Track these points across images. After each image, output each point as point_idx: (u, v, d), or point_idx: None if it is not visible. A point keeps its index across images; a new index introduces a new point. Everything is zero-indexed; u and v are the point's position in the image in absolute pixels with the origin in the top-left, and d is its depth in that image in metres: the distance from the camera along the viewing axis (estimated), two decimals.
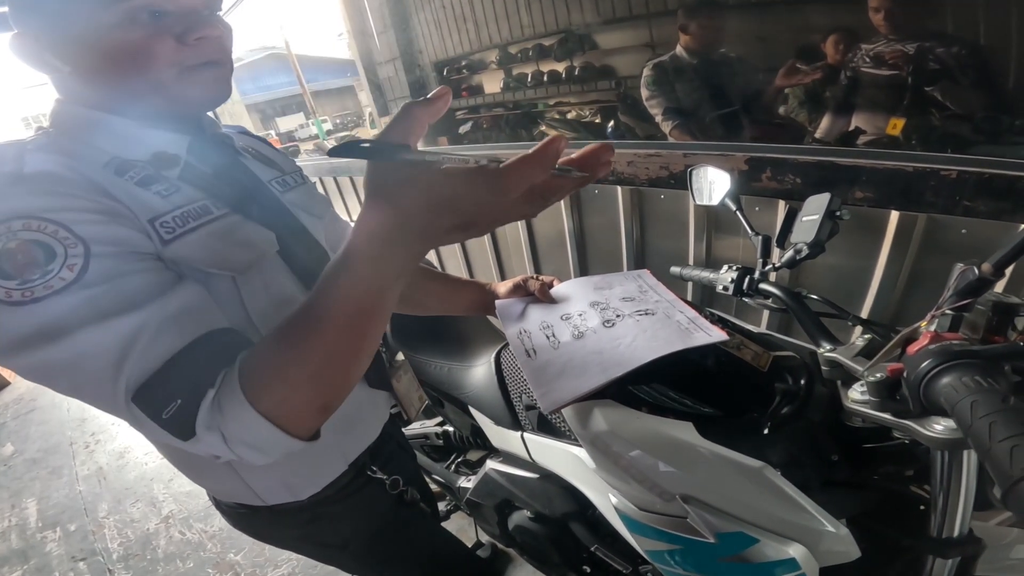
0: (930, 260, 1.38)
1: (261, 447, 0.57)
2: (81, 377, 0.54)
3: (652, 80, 2.28)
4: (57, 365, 0.54)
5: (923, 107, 1.68)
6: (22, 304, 0.51)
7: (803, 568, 0.77)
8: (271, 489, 0.90)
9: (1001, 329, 0.61)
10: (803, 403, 0.88)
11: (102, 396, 0.55)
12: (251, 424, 0.55)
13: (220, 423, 0.56)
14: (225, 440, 0.56)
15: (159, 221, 0.64)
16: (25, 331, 0.52)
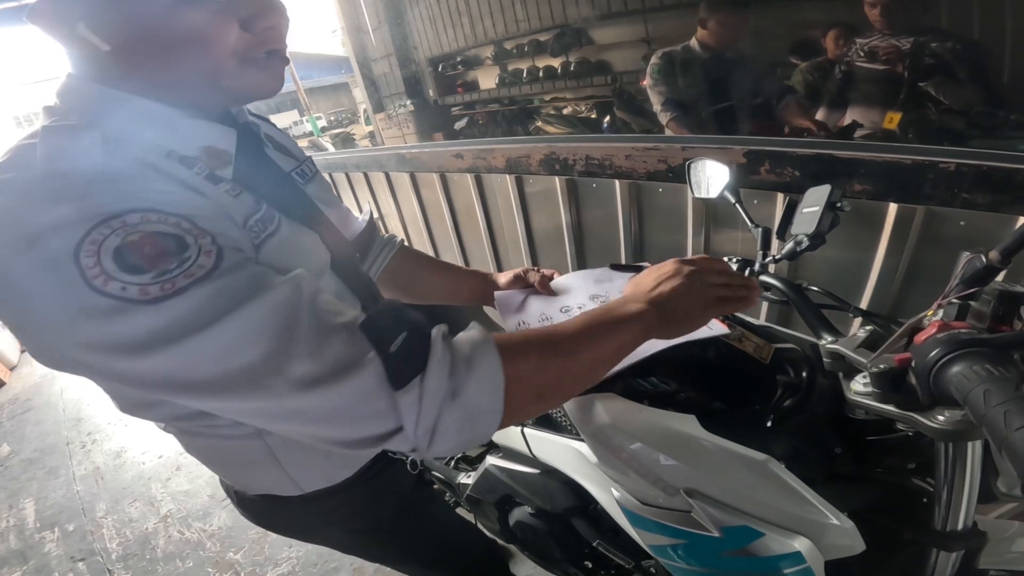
0: (929, 252, 1.38)
1: (477, 411, 0.56)
2: (241, 357, 0.49)
3: (659, 69, 2.25)
4: (207, 353, 0.48)
5: (919, 101, 1.69)
6: (164, 299, 0.47)
7: (808, 562, 0.77)
8: (309, 475, 0.87)
9: (1008, 318, 0.61)
10: (805, 395, 0.88)
11: (269, 369, 0.50)
12: (491, 379, 0.57)
13: (461, 362, 0.56)
14: (443, 395, 0.54)
15: (249, 223, 0.62)
16: (167, 326, 0.47)
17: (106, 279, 0.46)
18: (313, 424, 0.53)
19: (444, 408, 0.54)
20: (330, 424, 0.53)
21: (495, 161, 2.34)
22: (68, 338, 0.48)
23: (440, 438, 0.55)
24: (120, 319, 0.46)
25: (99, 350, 0.48)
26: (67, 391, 4.29)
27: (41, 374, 4.81)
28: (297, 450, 0.82)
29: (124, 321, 0.46)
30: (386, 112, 4.37)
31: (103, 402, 3.83)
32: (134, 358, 0.47)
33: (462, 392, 0.55)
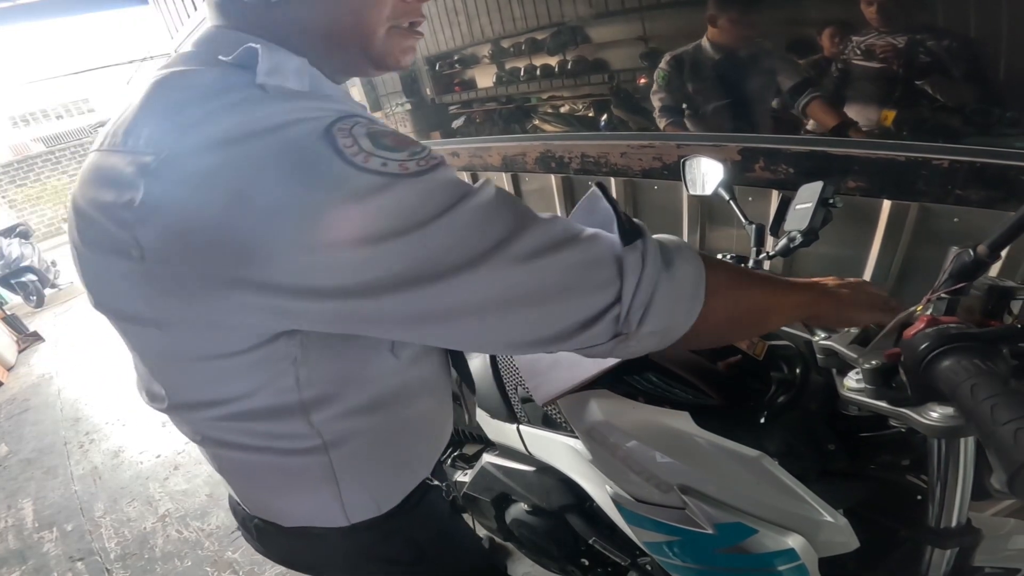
0: (923, 249, 1.39)
1: (683, 292, 0.58)
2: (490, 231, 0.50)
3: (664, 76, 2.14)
4: (461, 230, 0.49)
5: (914, 99, 1.69)
6: (422, 173, 0.48)
7: (802, 559, 0.77)
8: (360, 506, 0.80)
9: (997, 313, 0.61)
10: (799, 392, 0.88)
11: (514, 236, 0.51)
12: (694, 262, 0.59)
13: (671, 248, 0.58)
14: (660, 262, 0.56)
15: None
16: (423, 202, 0.47)
17: (366, 156, 0.46)
18: (543, 302, 0.53)
19: (660, 277, 0.55)
20: (559, 297, 0.53)
21: (491, 159, 2.35)
22: (321, 235, 0.45)
23: (652, 315, 0.55)
24: (385, 195, 0.46)
25: (350, 243, 0.46)
26: (64, 391, 4.30)
27: (38, 374, 4.81)
28: (360, 470, 0.76)
29: (389, 196, 0.46)
30: (383, 111, 4.36)
31: (101, 402, 3.84)
32: (388, 241, 0.46)
33: (673, 263, 0.57)
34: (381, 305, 0.49)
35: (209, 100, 0.49)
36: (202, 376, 0.63)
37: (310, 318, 0.51)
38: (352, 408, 0.69)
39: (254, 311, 0.50)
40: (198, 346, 0.58)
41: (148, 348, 0.65)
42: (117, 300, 0.57)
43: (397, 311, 0.49)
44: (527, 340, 0.55)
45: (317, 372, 0.63)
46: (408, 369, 0.73)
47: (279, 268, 0.46)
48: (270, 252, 0.45)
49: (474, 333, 0.53)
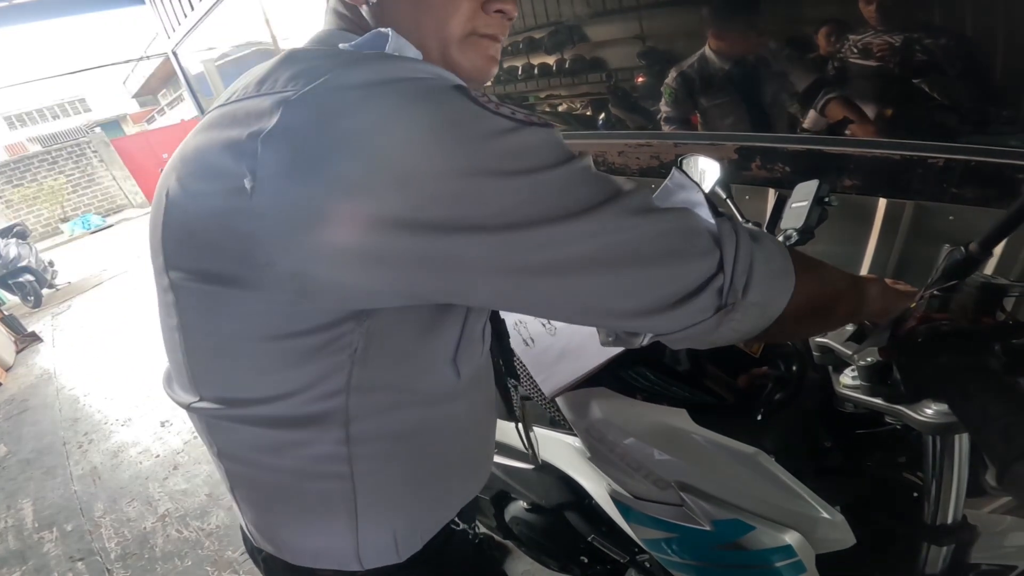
0: (918, 247, 1.39)
1: (775, 269, 0.57)
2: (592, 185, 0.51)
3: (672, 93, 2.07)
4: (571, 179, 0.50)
5: (910, 97, 1.69)
6: (541, 126, 0.50)
7: (799, 555, 0.78)
8: (376, 548, 0.73)
9: (989, 310, 0.62)
10: (795, 389, 0.88)
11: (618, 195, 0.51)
12: (778, 244, 0.59)
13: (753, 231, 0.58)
14: (748, 235, 0.56)
15: None
16: (540, 145, 0.50)
17: (497, 105, 0.49)
18: (647, 263, 0.52)
19: (754, 249, 0.56)
20: (663, 260, 0.53)
21: None
22: (451, 165, 0.46)
23: (755, 283, 0.55)
24: (513, 136, 0.48)
25: (476, 174, 0.46)
26: (63, 392, 4.29)
27: (37, 375, 4.81)
28: (384, 504, 0.70)
29: (516, 138, 0.48)
30: None
31: (100, 402, 3.84)
32: (511, 178, 0.47)
33: (759, 239, 0.57)
34: (486, 244, 0.48)
35: (344, 56, 0.53)
36: (254, 363, 0.59)
37: (405, 260, 0.48)
38: (396, 426, 0.66)
39: (353, 257, 0.48)
40: (268, 319, 0.55)
41: (205, 323, 0.60)
42: (204, 254, 0.55)
43: (500, 255, 0.48)
44: (629, 307, 0.54)
45: (373, 374, 0.60)
46: (461, 396, 0.71)
47: (399, 197, 0.45)
48: (399, 180, 0.45)
49: (572, 292, 0.52)
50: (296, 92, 0.47)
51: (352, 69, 0.49)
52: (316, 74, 0.48)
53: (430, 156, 0.45)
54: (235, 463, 0.70)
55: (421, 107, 0.47)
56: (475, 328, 0.68)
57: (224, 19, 5.20)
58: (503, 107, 0.49)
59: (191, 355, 0.63)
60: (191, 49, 6.21)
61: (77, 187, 15.63)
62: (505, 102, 0.51)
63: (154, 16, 6.21)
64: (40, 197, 14.90)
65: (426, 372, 0.65)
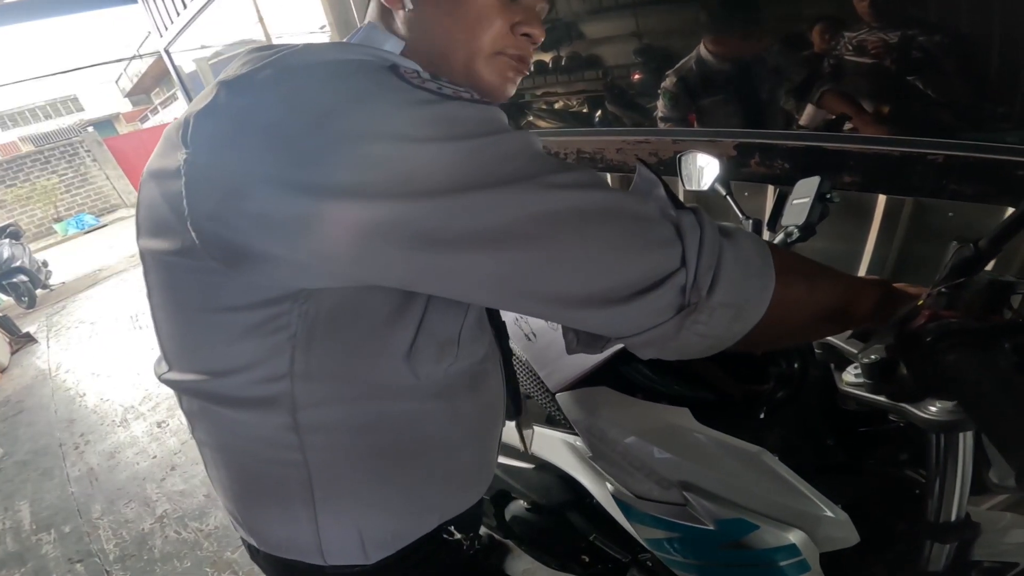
0: (918, 243, 1.39)
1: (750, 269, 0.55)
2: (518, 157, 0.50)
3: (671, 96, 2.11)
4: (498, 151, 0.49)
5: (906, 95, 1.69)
6: (470, 101, 0.51)
7: (803, 554, 0.78)
8: (340, 544, 0.70)
9: (997, 308, 0.62)
10: (798, 387, 0.88)
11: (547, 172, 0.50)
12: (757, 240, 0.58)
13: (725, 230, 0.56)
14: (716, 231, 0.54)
15: None
16: (465, 118, 0.49)
17: (423, 80, 0.50)
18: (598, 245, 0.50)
19: (723, 245, 0.53)
20: (617, 243, 0.51)
21: None
22: (369, 132, 0.46)
23: (722, 281, 0.52)
24: (437, 106, 0.48)
25: (394, 137, 0.46)
26: (58, 393, 4.28)
27: (32, 376, 4.79)
28: (346, 500, 0.68)
29: (440, 108, 0.48)
30: None
31: (96, 403, 3.83)
32: (436, 143, 0.47)
33: (732, 234, 0.55)
34: (391, 212, 0.46)
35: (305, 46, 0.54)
36: (201, 335, 0.61)
37: (308, 229, 0.47)
38: (349, 419, 0.63)
39: (262, 224, 0.48)
40: (208, 290, 0.56)
41: (164, 295, 0.62)
42: (157, 226, 0.57)
43: (409, 223, 0.46)
44: (574, 293, 0.51)
45: (318, 362, 0.58)
46: (431, 398, 0.67)
47: (301, 164, 0.46)
48: (305, 148, 0.46)
49: (502, 270, 0.49)
50: (236, 76, 0.50)
51: (297, 54, 0.51)
52: (272, 56, 0.51)
53: (335, 124, 0.46)
54: (206, 443, 0.71)
55: (338, 82, 0.49)
56: (439, 330, 0.64)
57: (217, 17, 5.17)
58: (433, 81, 0.51)
59: (159, 327, 0.66)
60: (184, 48, 6.19)
61: (70, 187, 15.57)
62: (442, 81, 0.52)
63: (146, 15, 6.17)
64: (33, 197, 14.83)
65: (377, 368, 0.62)
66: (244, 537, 0.78)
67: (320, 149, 0.45)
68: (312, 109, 0.46)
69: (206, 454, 0.73)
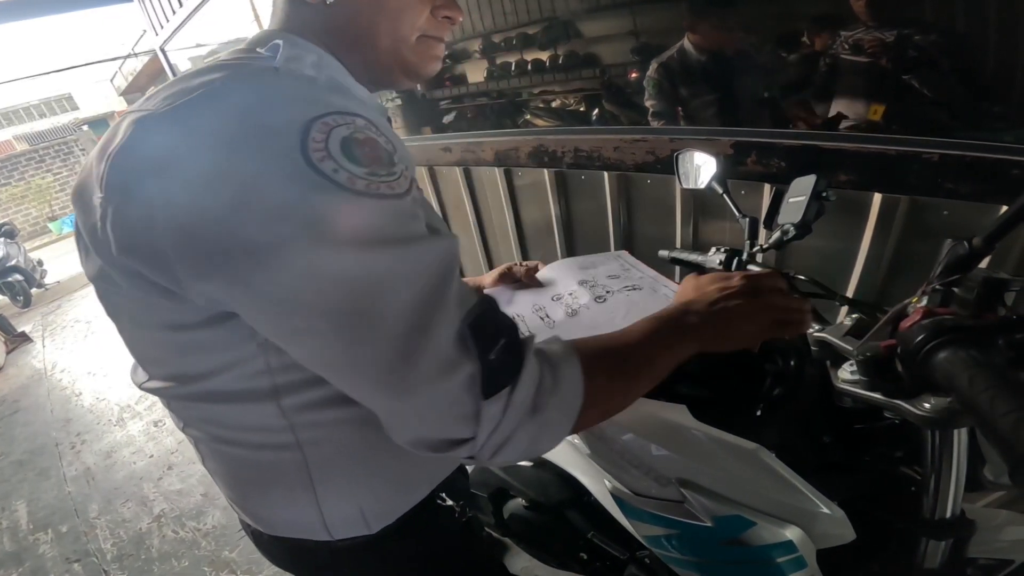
0: (913, 242, 1.40)
1: (548, 431, 0.58)
2: (413, 289, 0.50)
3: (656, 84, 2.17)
4: (385, 273, 0.49)
5: (903, 94, 1.69)
6: (364, 195, 0.49)
7: (800, 551, 0.78)
8: (345, 519, 0.74)
9: (991, 305, 0.62)
10: (794, 384, 0.88)
11: (429, 317, 0.51)
12: (572, 398, 0.59)
13: (548, 378, 0.57)
14: (525, 410, 0.55)
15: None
16: (363, 225, 0.49)
17: (323, 156, 0.47)
18: (398, 397, 0.53)
19: (522, 423, 0.55)
20: (412, 411, 0.54)
21: (484, 154, 2.34)
22: (258, 200, 0.47)
23: (505, 451, 0.56)
24: (319, 195, 0.47)
25: (279, 218, 0.47)
26: (55, 392, 4.26)
27: (28, 375, 4.78)
28: (343, 478, 0.71)
29: (321, 198, 0.47)
30: None
31: (92, 402, 3.81)
32: (309, 243, 0.47)
33: (543, 410, 0.57)
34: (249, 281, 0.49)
35: (228, 67, 0.56)
36: (169, 348, 0.63)
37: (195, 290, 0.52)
38: (331, 400, 0.64)
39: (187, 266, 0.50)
40: (156, 312, 0.58)
41: (120, 314, 0.64)
42: (90, 258, 0.59)
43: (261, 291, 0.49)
44: (403, 435, 0.57)
45: (290, 356, 0.58)
46: None
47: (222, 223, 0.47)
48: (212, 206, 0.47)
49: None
50: (154, 112, 0.51)
51: (212, 95, 0.50)
52: (186, 90, 0.51)
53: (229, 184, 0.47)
54: (198, 437, 0.73)
55: (240, 144, 0.48)
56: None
57: (212, 16, 5.15)
58: (333, 160, 0.48)
59: (126, 342, 0.68)
60: (180, 46, 6.16)
61: (65, 186, 15.53)
62: (362, 147, 0.50)
63: (141, 13, 6.14)
64: (28, 196, 14.79)
65: None
66: (248, 523, 0.81)
67: (215, 207, 0.47)
68: (210, 164, 0.47)
69: (201, 448, 0.75)
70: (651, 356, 0.67)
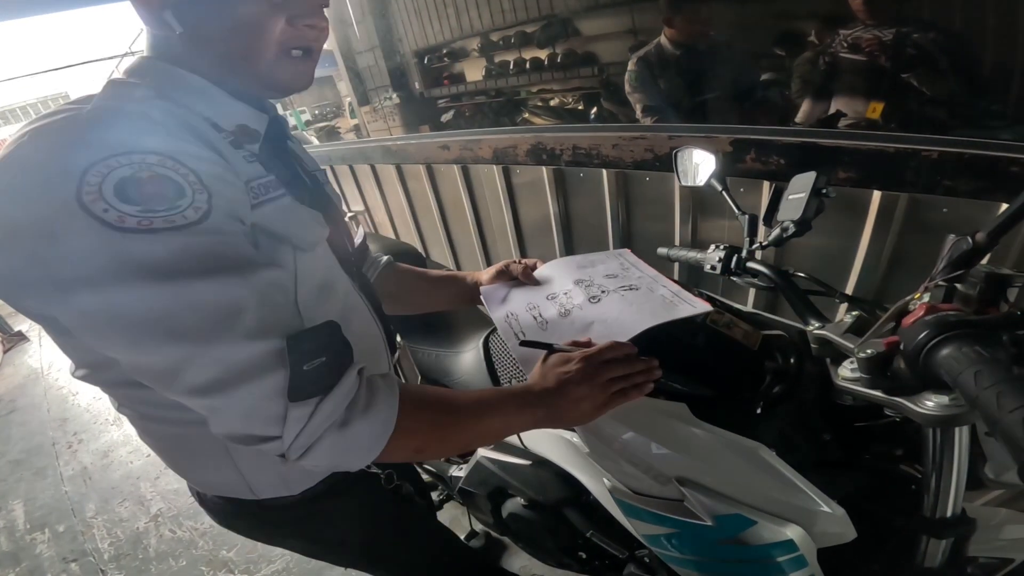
0: (912, 239, 1.40)
1: (356, 446, 0.63)
2: (187, 324, 0.54)
3: (636, 76, 2.23)
4: (160, 308, 0.53)
5: (901, 92, 1.70)
6: (134, 232, 0.51)
7: (801, 549, 0.78)
8: (266, 481, 0.85)
9: (994, 301, 0.62)
10: (794, 382, 0.88)
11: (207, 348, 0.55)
12: (381, 424, 0.64)
13: (362, 400, 0.63)
14: (333, 422, 0.61)
15: (251, 184, 0.67)
16: (123, 261, 0.51)
17: (95, 198, 0.50)
18: (208, 399, 0.58)
19: (328, 432, 0.61)
20: (222, 410, 0.59)
21: (482, 152, 2.33)
22: (46, 249, 0.51)
23: (313, 454, 0.61)
24: (86, 235, 0.50)
25: (65, 262, 0.51)
26: (51, 391, 4.25)
27: (24, 375, 4.76)
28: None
29: (87, 237, 0.50)
30: (371, 105, 4.33)
31: (89, 401, 3.80)
32: (89, 283, 0.51)
33: (351, 426, 0.62)
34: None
35: (40, 120, 0.58)
36: (68, 346, 0.70)
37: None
38: None
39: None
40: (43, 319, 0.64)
41: None
42: None
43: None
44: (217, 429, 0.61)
45: None
46: None
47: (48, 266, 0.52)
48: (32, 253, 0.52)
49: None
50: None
51: (35, 140, 0.55)
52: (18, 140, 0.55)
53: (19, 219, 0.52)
54: (130, 416, 0.80)
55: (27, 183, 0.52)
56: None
57: None
58: (104, 201, 0.51)
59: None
60: None
61: None
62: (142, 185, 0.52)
63: None
64: None
65: None
66: (191, 486, 0.93)
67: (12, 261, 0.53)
68: (4, 221, 0.52)
69: (135, 425, 0.82)
70: (480, 417, 0.74)
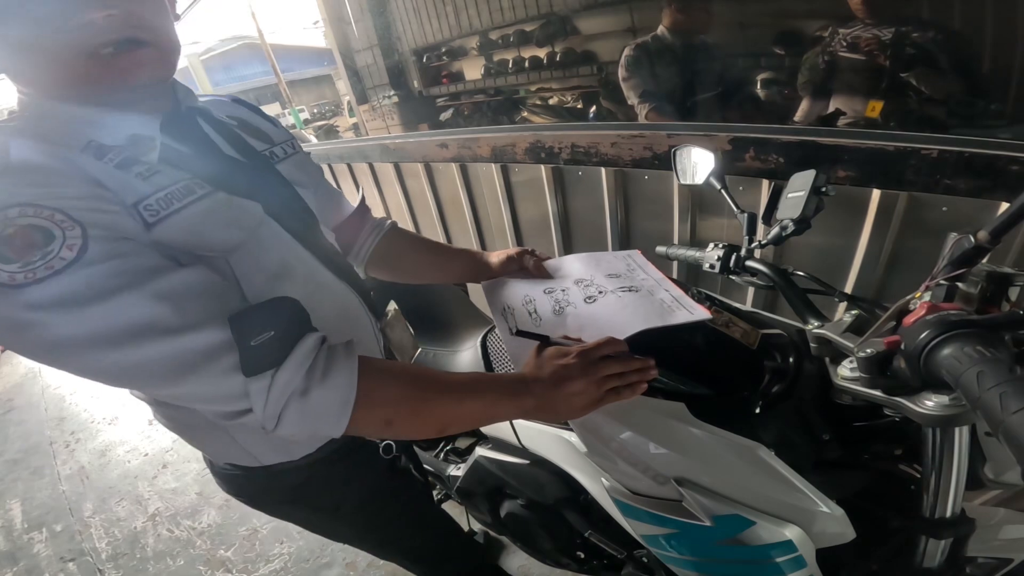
0: (912, 238, 1.39)
1: (323, 412, 0.66)
2: (115, 338, 0.57)
3: (633, 61, 2.24)
4: (70, 342, 0.56)
5: (900, 91, 1.69)
6: (26, 285, 0.52)
7: (800, 550, 0.77)
8: (266, 450, 0.90)
9: (995, 300, 0.61)
10: (793, 381, 0.88)
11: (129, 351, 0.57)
12: (342, 389, 0.66)
13: (320, 368, 0.65)
14: (292, 390, 0.63)
15: (142, 204, 0.65)
16: (32, 311, 0.53)
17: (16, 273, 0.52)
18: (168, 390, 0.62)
19: (291, 401, 0.63)
20: (186, 396, 0.62)
21: (480, 150, 2.33)
22: None
23: (284, 424, 0.64)
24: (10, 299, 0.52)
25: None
26: (48, 390, 4.24)
27: (22, 374, 4.75)
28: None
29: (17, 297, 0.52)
30: (370, 104, 4.31)
31: (86, 401, 3.80)
32: (12, 337, 0.55)
33: (310, 393, 0.64)
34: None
35: None
36: None
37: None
38: None
39: None
40: None
41: None
42: None
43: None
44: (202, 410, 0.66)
45: None
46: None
47: None
48: None
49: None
50: None
51: None
52: None
53: None
54: (142, 399, 0.83)
55: None
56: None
57: (209, 12, 5.13)
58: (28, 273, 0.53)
59: None
60: None
61: None
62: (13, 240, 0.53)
63: None
64: None
65: None
66: (204, 456, 0.99)
67: None
68: None
69: (149, 406, 0.85)
70: (461, 399, 0.74)
